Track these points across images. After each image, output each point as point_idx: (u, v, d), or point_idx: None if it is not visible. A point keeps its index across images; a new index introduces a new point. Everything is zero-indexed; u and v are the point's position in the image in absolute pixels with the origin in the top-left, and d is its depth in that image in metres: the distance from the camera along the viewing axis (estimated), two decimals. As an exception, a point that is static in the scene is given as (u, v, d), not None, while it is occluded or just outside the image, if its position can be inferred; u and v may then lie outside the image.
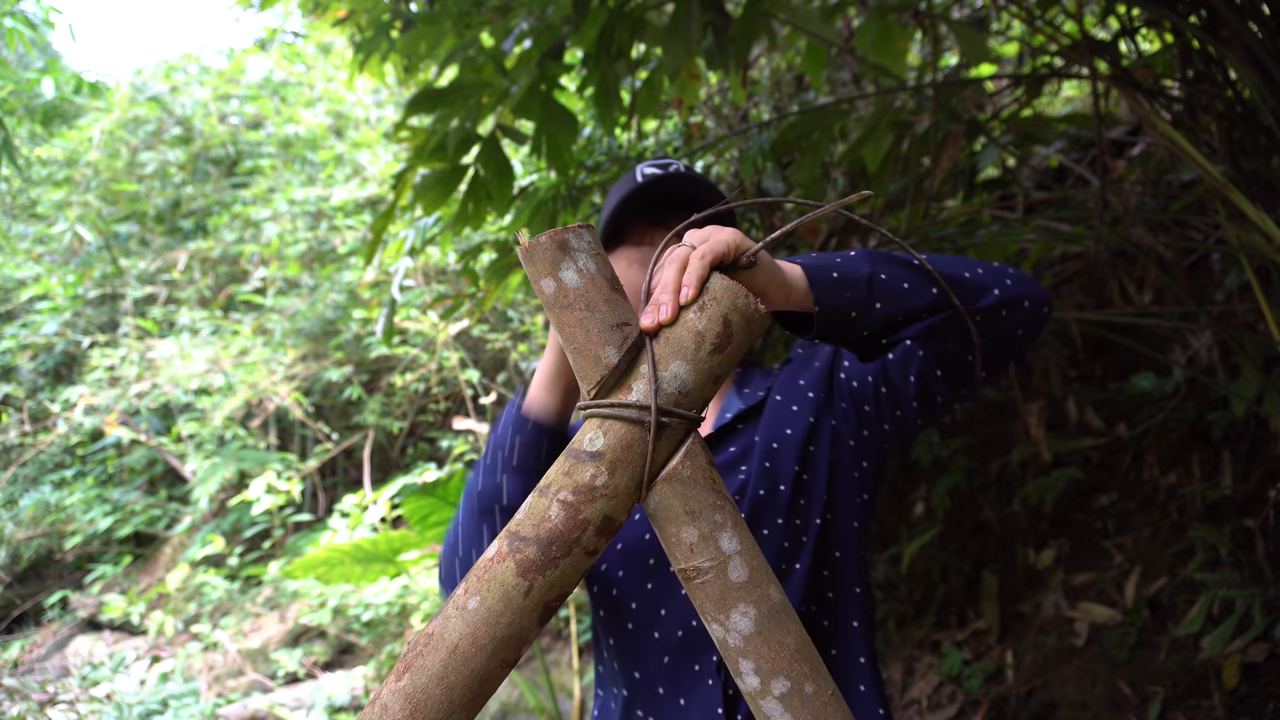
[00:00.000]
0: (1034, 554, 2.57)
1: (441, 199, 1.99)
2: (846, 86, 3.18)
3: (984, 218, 2.42)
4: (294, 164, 6.94)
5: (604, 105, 1.99)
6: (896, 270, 0.89)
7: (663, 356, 0.70)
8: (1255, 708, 1.87)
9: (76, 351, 6.73)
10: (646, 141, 3.14)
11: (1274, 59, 1.44)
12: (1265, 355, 2.04)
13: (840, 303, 0.86)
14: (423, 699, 0.67)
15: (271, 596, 5.01)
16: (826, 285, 0.86)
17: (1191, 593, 2.15)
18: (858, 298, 0.87)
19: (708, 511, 0.70)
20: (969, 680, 2.45)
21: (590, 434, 0.71)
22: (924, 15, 2.13)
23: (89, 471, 6.23)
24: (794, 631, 0.71)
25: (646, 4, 1.97)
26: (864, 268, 0.88)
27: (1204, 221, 2.08)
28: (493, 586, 0.69)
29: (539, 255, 0.71)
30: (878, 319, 0.88)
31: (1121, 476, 2.52)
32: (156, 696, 4.06)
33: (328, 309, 5.77)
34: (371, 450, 5.69)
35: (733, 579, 0.70)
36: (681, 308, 0.71)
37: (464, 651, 0.68)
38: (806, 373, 1.17)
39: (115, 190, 7.08)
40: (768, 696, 0.70)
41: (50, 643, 5.27)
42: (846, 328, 0.88)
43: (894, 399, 1.10)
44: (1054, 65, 2.34)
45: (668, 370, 0.70)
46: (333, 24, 3.07)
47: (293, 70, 7.70)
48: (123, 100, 7.26)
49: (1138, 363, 2.57)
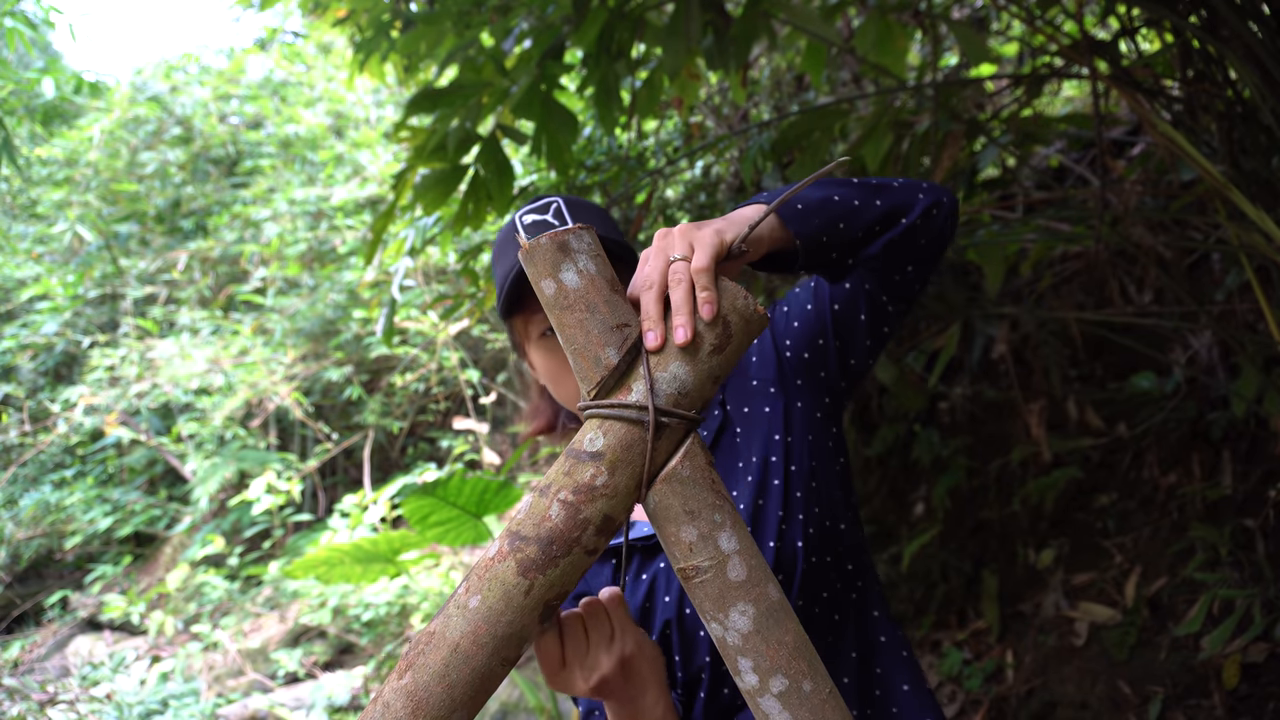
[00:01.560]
0: (1034, 554, 2.57)
1: (441, 199, 1.99)
2: (846, 86, 3.18)
3: (984, 217, 2.42)
4: (294, 164, 6.94)
5: (604, 105, 1.99)
6: (843, 190, 0.97)
7: (662, 358, 0.71)
8: (1255, 708, 1.87)
9: (76, 351, 6.72)
10: (646, 141, 3.14)
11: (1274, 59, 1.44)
12: (1265, 355, 2.04)
13: (812, 229, 0.93)
14: (424, 696, 0.67)
15: (271, 596, 5.01)
16: (798, 219, 0.92)
17: (1191, 592, 2.15)
18: (824, 221, 0.94)
19: (707, 511, 0.70)
20: (969, 680, 2.45)
21: (590, 434, 0.71)
22: (924, 15, 2.13)
23: (89, 471, 6.23)
24: (792, 630, 0.71)
25: (646, 4, 1.97)
26: (817, 193, 0.95)
27: (1204, 221, 2.08)
28: (493, 585, 0.69)
29: (539, 257, 0.71)
30: (843, 238, 0.95)
31: (1121, 476, 2.52)
32: (156, 696, 4.06)
33: (328, 309, 5.77)
34: (371, 450, 5.69)
35: (731, 578, 0.70)
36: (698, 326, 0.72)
37: (465, 649, 0.68)
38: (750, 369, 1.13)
39: (115, 190, 7.08)
40: (766, 694, 0.70)
41: (50, 643, 5.27)
42: (822, 252, 0.95)
43: (845, 349, 1.09)
44: (1054, 65, 2.34)
45: (667, 371, 0.71)
46: (333, 24, 3.07)
47: (293, 70, 7.70)
48: (123, 100, 7.25)
49: (1138, 362, 2.57)
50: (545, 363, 1.06)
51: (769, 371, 1.11)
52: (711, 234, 0.77)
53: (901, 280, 1.05)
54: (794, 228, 0.91)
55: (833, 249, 0.95)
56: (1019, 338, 2.70)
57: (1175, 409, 2.40)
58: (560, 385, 1.05)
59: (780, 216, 0.91)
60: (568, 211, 1.05)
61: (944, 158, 1.97)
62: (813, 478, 1.06)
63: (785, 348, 1.11)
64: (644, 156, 2.98)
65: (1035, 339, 2.63)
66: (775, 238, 0.90)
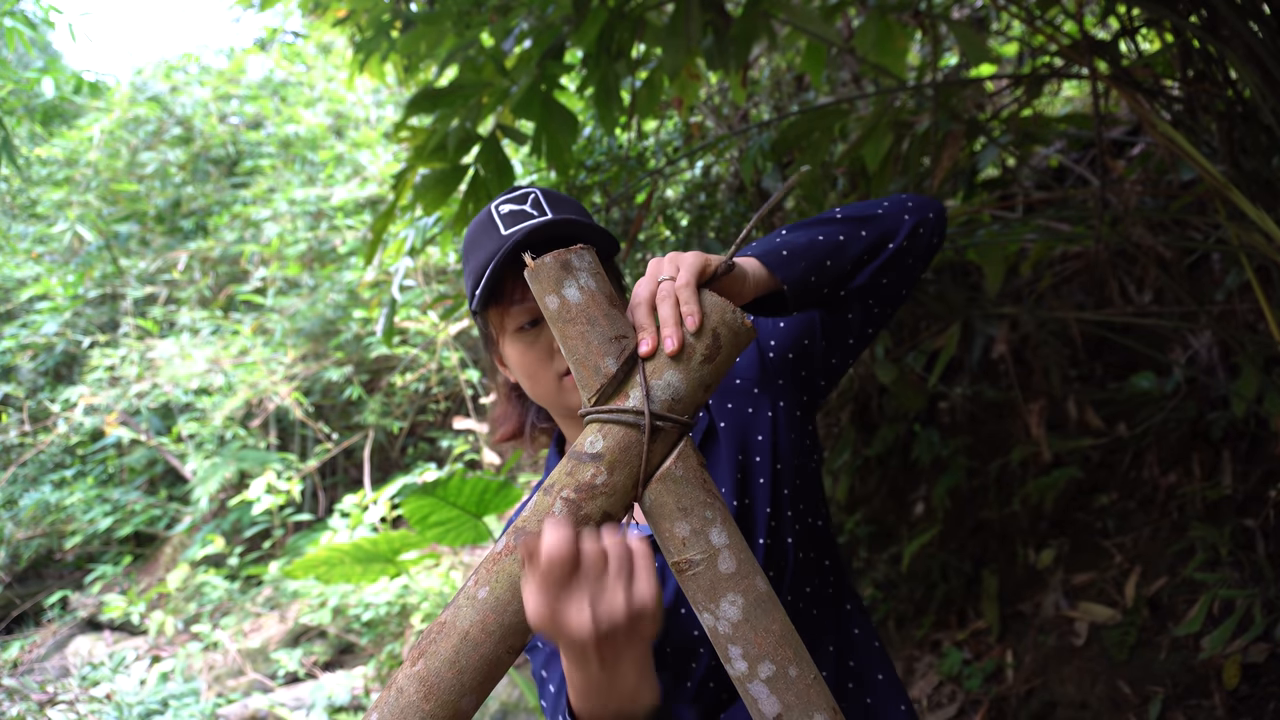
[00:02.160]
0: (1034, 554, 2.57)
1: (441, 199, 1.99)
2: (846, 86, 3.18)
3: (984, 217, 2.42)
4: (294, 164, 6.94)
5: (604, 105, 1.99)
6: (828, 229, 1.01)
7: (657, 366, 0.77)
8: (1255, 708, 1.87)
9: (76, 351, 6.73)
10: (646, 141, 3.14)
11: (1274, 59, 1.44)
12: (1265, 355, 2.04)
13: (799, 272, 0.96)
14: (436, 681, 0.72)
15: (271, 596, 5.01)
16: (782, 264, 0.96)
17: (1191, 593, 2.15)
18: (810, 264, 0.97)
19: (699, 508, 0.76)
20: (969, 680, 2.45)
21: (591, 437, 0.77)
22: (924, 15, 2.13)
23: (89, 471, 6.23)
24: (779, 619, 0.76)
25: (646, 4, 1.97)
26: (802, 237, 0.99)
27: (1204, 221, 2.08)
28: (501, 577, 0.74)
29: (544, 274, 0.77)
30: (831, 275, 1.00)
31: (1121, 476, 2.53)
32: (156, 696, 4.06)
33: (328, 309, 5.78)
34: (371, 450, 5.69)
35: (722, 570, 0.75)
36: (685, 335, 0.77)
37: (474, 637, 0.73)
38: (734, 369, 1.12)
39: (115, 190, 7.08)
40: (754, 680, 0.75)
41: (50, 643, 5.27)
42: (811, 293, 0.99)
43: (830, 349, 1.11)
44: (1054, 65, 2.34)
45: (662, 379, 0.77)
46: (333, 24, 3.07)
47: (293, 70, 7.71)
48: (123, 100, 7.26)
49: (1138, 362, 2.57)
50: (521, 357, 1.02)
51: (752, 371, 1.11)
52: (694, 256, 0.84)
53: (890, 285, 1.08)
54: (781, 274, 0.95)
55: (822, 286, 1.00)
56: (1019, 338, 2.71)
57: (1175, 409, 2.40)
58: (536, 381, 1.02)
59: (766, 264, 0.95)
60: (545, 202, 1.02)
61: (944, 158, 1.97)
62: (796, 475, 1.08)
63: (770, 348, 1.12)
64: (644, 156, 2.98)
65: (1035, 339, 2.63)
66: (761, 283, 0.94)
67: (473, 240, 1.04)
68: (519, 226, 0.98)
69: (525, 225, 0.98)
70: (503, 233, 0.99)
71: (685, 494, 0.75)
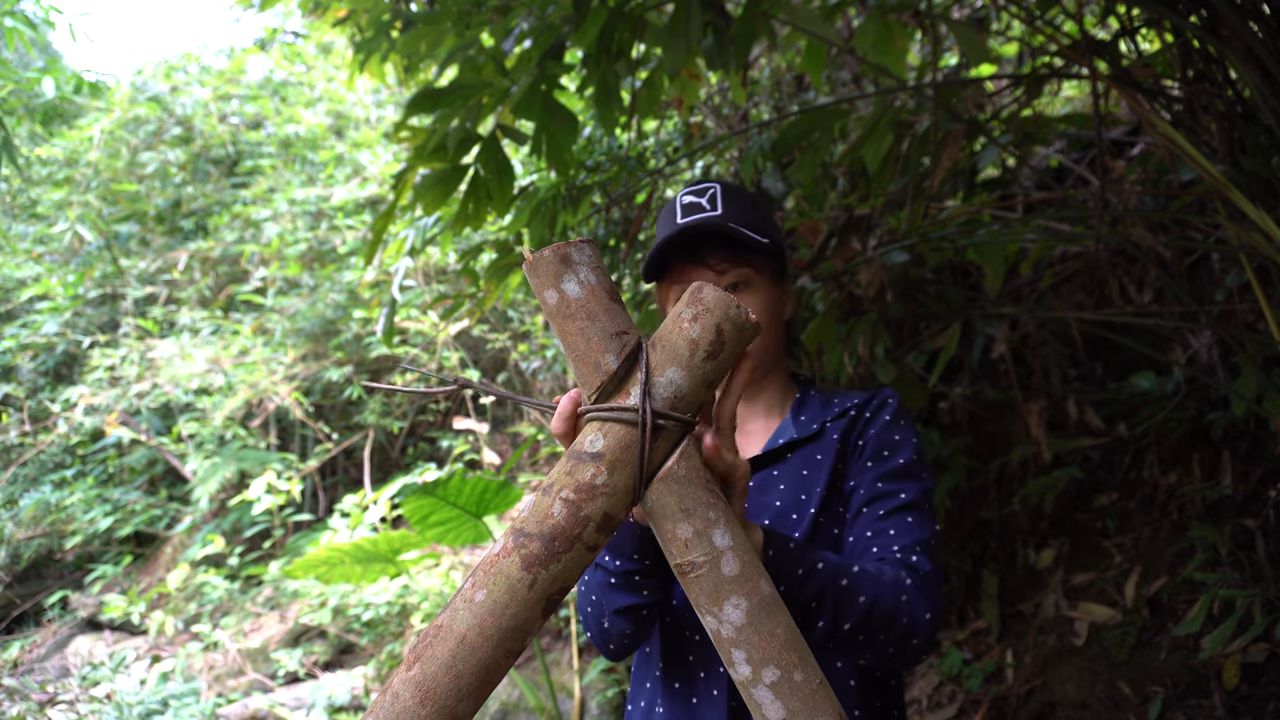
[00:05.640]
0: (1034, 554, 2.57)
1: (441, 199, 1.99)
2: (846, 86, 3.18)
3: (984, 217, 2.42)
4: (294, 164, 6.94)
5: (604, 105, 1.99)
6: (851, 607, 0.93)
7: (659, 363, 0.74)
8: (1255, 708, 1.87)
9: (77, 351, 6.72)
10: (646, 141, 3.14)
11: (1274, 59, 1.44)
12: (1265, 355, 2.04)
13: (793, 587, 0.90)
14: (432, 686, 0.70)
15: (272, 596, 5.01)
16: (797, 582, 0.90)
17: (1191, 593, 2.15)
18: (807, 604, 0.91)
19: (701, 509, 0.73)
20: (969, 680, 2.45)
21: (591, 436, 0.74)
22: (924, 15, 2.13)
23: (89, 471, 6.23)
24: (783, 622, 0.74)
25: (646, 4, 1.97)
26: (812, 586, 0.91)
27: (1204, 221, 2.08)
28: (499, 580, 0.72)
29: (542, 268, 0.75)
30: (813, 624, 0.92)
31: (1121, 476, 2.53)
32: (156, 696, 4.06)
33: (328, 309, 5.78)
34: (371, 450, 5.69)
35: (725, 572, 0.73)
36: None
37: (471, 641, 0.71)
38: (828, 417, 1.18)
39: (115, 190, 7.08)
40: (759, 684, 0.72)
41: (50, 643, 5.26)
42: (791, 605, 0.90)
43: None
44: (1054, 65, 2.34)
45: (663, 376, 0.74)
46: (333, 24, 3.07)
47: (293, 70, 7.71)
48: (123, 100, 7.26)
49: (1138, 362, 2.57)
50: None
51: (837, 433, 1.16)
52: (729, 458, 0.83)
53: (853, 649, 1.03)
54: (783, 585, 0.89)
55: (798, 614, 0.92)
56: (1019, 338, 2.71)
57: (1175, 409, 2.40)
58: None
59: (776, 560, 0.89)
60: (722, 198, 1.14)
61: (944, 158, 1.97)
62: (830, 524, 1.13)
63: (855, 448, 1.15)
64: (644, 156, 2.98)
65: (1035, 339, 2.63)
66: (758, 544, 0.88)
67: (659, 223, 1.20)
68: (692, 218, 1.12)
69: (695, 218, 1.12)
70: (678, 220, 1.14)
71: (688, 494, 0.73)
